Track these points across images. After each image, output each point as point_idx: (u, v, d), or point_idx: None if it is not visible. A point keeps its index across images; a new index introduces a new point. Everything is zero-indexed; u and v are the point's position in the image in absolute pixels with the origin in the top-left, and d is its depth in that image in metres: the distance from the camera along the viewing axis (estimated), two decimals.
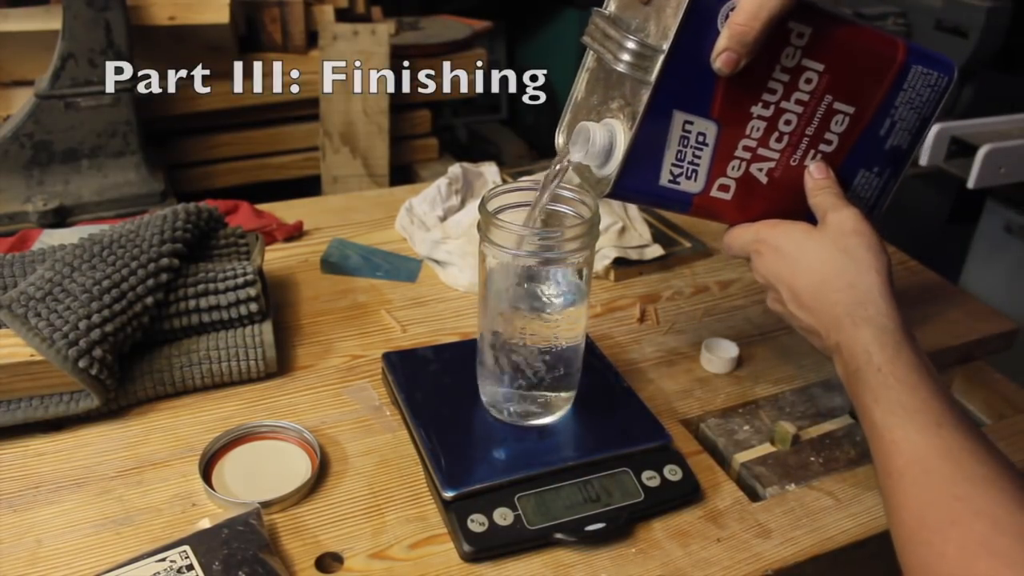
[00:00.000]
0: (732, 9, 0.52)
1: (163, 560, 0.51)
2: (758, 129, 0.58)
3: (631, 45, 0.53)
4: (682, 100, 0.55)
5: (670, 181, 0.58)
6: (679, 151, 0.57)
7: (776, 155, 0.60)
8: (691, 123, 0.56)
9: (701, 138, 0.57)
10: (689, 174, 0.58)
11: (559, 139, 0.62)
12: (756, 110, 0.57)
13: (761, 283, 0.62)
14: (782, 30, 0.55)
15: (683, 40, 0.52)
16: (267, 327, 0.71)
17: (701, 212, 0.61)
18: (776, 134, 0.59)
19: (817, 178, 0.60)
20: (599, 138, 0.55)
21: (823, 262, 0.56)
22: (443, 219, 0.97)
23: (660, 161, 0.57)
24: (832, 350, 0.56)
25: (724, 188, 0.60)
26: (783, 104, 0.58)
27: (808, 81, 0.58)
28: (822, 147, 0.61)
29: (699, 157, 0.58)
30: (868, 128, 0.61)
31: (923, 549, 0.45)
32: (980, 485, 0.45)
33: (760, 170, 0.60)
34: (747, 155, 0.59)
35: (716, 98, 0.55)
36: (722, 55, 0.52)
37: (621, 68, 0.54)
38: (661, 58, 0.52)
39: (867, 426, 0.52)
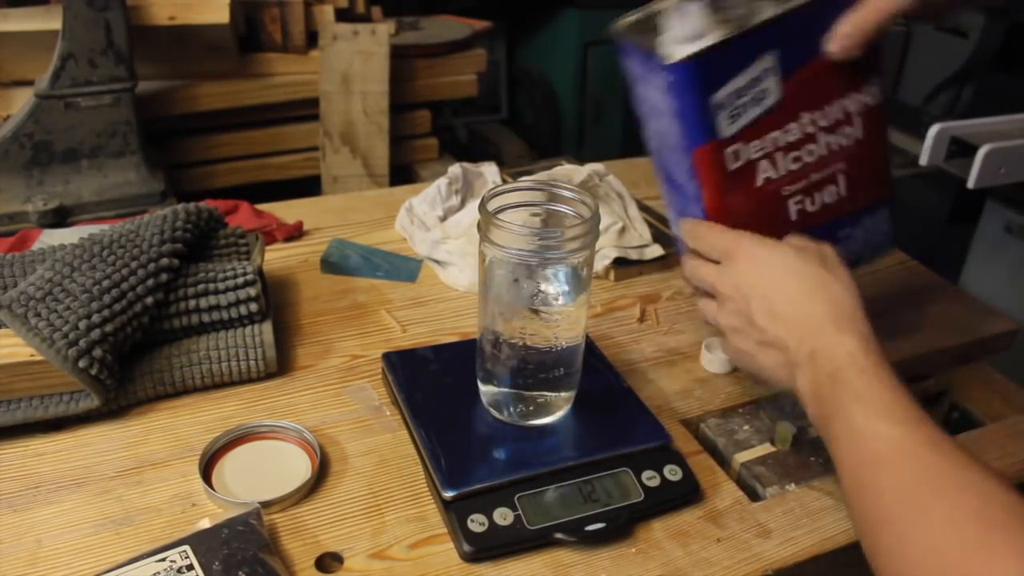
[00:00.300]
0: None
1: (163, 560, 0.51)
2: (792, 135, 0.59)
3: None
4: (782, 49, 0.56)
5: (716, 106, 0.57)
6: (740, 89, 0.57)
7: (780, 171, 0.61)
8: (768, 75, 0.57)
9: (761, 95, 0.57)
10: (731, 115, 0.58)
11: (628, 19, 0.60)
12: (804, 118, 0.59)
13: (716, 290, 0.60)
14: (869, 70, 0.58)
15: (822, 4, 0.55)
16: (267, 327, 0.71)
17: (700, 162, 0.59)
18: (796, 154, 0.60)
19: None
20: (696, 14, 0.55)
21: (802, 275, 0.56)
22: (443, 219, 0.97)
23: (725, 81, 0.56)
24: (799, 361, 0.54)
25: (735, 156, 0.60)
26: (820, 135, 0.60)
27: (847, 136, 0.61)
28: (806, 200, 0.63)
29: (746, 109, 0.58)
30: (834, 220, 0.65)
31: (902, 524, 0.44)
32: (966, 468, 0.44)
33: (763, 171, 0.60)
34: (767, 148, 0.60)
35: (798, 74, 0.56)
36: (839, 39, 0.55)
37: None
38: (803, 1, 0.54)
39: (841, 426, 0.50)
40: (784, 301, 0.55)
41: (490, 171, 1.05)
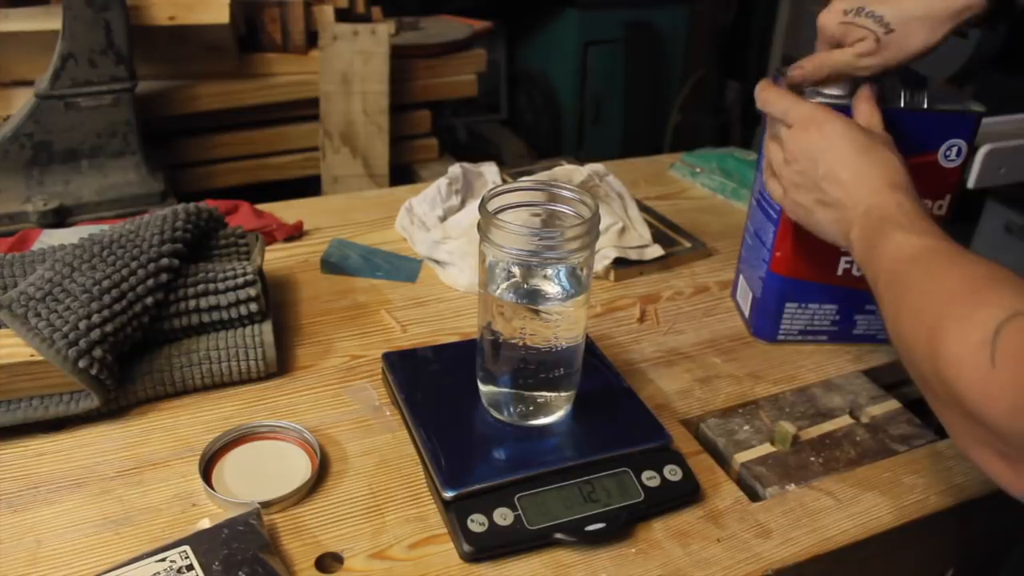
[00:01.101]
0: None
1: (163, 560, 0.51)
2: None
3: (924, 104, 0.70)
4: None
5: None
6: None
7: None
8: None
9: None
10: None
11: None
12: None
13: (788, 150, 0.65)
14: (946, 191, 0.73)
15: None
16: (267, 327, 0.71)
17: None
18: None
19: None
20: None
21: (865, 149, 0.62)
22: (443, 219, 0.97)
23: None
24: (853, 218, 0.60)
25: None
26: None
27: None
28: (855, 266, 0.75)
29: None
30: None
31: (925, 283, 0.50)
32: (985, 260, 0.49)
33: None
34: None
35: None
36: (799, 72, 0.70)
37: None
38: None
39: (884, 245, 0.55)
40: (847, 170, 0.62)
41: (490, 171, 1.05)
